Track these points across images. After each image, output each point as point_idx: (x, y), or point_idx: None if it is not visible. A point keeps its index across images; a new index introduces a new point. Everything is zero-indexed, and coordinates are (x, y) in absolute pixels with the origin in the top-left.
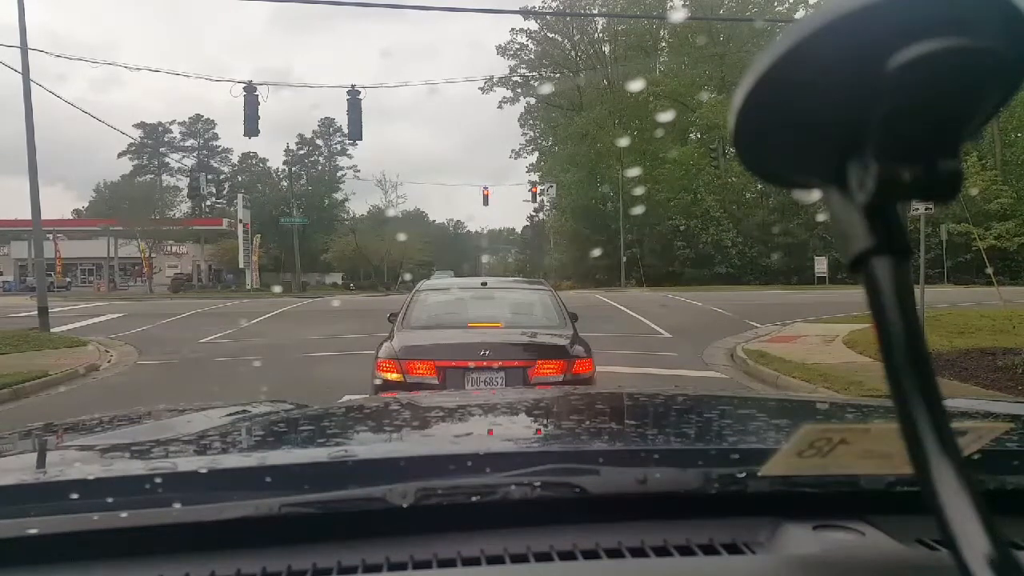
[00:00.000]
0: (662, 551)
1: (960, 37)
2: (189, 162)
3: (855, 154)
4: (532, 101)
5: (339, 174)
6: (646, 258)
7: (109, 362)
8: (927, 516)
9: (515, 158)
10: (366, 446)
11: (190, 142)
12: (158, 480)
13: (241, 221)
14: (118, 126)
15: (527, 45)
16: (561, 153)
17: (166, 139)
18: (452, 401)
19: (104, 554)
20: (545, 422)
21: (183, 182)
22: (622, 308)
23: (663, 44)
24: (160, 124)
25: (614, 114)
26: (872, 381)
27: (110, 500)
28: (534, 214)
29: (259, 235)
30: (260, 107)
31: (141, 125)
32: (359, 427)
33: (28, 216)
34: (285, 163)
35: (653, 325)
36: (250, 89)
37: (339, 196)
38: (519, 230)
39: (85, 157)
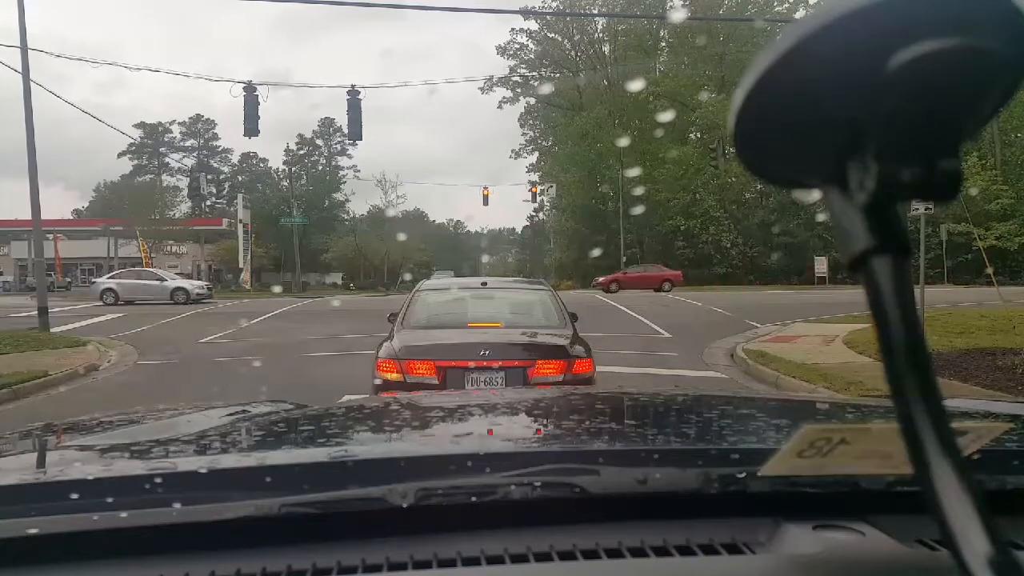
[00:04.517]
0: (662, 551)
1: (960, 37)
2: (189, 162)
3: (855, 154)
4: (532, 101)
5: (339, 174)
6: (646, 258)
7: (109, 362)
8: (927, 516)
9: (515, 158)
10: (366, 446)
11: (190, 142)
12: (158, 480)
13: (241, 221)
14: (118, 126)
15: (527, 45)
16: (561, 153)
17: (166, 139)
18: (452, 401)
19: (104, 554)
20: (545, 422)
21: (183, 182)
22: (622, 308)
23: (663, 44)
24: (160, 124)
25: (614, 114)
26: (872, 381)
27: (110, 500)
28: (534, 214)
29: (254, 235)
30: (260, 107)
31: (141, 125)
32: (359, 427)
33: (28, 216)
34: (285, 163)
35: (653, 325)
36: (250, 89)
37: (339, 196)
38: (519, 230)
39: (85, 157)
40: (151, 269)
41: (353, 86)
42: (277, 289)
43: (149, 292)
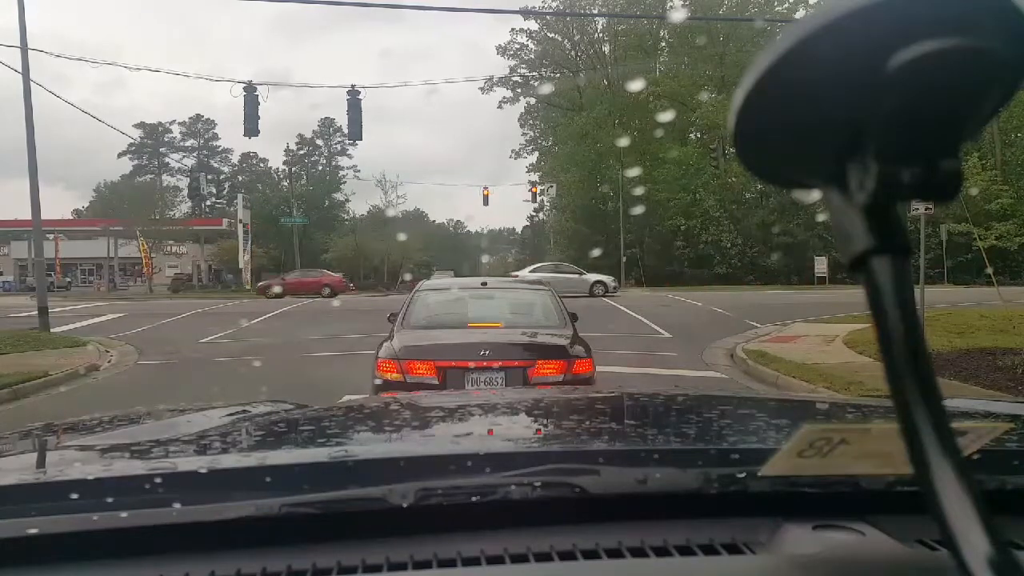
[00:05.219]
0: (662, 551)
1: (960, 37)
2: (189, 162)
3: (855, 154)
4: (532, 101)
5: (339, 174)
6: (646, 258)
7: (109, 362)
8: (927, 516)
9: (515, 158)
10: (366, 446)
11: (190, 142)
12: (158, 480)
13: (241, 221)
14: (118, 126)
15: (527, 45)
16: (561, 153)
17: (166, 139)
18: (452, 401)
19: (104, 554)
20: (545, 422)
21: (183, 182)
22: (622, 308)
23: (663, 44)
24: (160, 124)
25: (614, 114)
26: (872, 381)
27: (110, 500)
28: (534, 214)
29: (253, 235)
30: (260, 107)
31: (141, 125)
32: (359, 427)
33: (28, 216)
34: (285, 163)
35: (653, 325)
36: (250, 89)
37: (339, 196)
38: (519, 230)
39: (85, 157)
40: (568, 264)
41: (353, 86)
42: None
43: (570, 285)
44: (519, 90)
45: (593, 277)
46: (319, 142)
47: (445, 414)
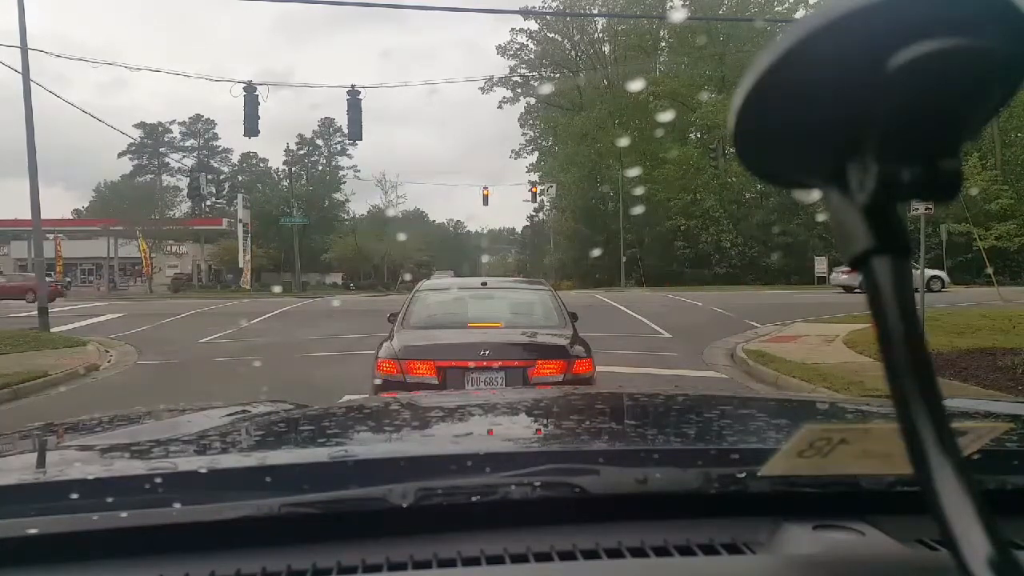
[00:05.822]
0: (662, 551)
1: (960, 37)
2: (189, 162)
3: (855, 154)
4: (532, 101)
5: (339, 174)
6: (646, 258)
7: (109, 362)
8: (927, 516)
9: (515, 158)
10: (366, 446)
11: (190, 142)
12: (158, 480)
13: (241, 221)
14: (119, 127)
15: (527, 45)
16: (561, 153)
17: (166, 139)
18: (452, 401)
19: (104, 554)
20: (545, 422)
21: (183, 182)
22: (622, 308)
23: (663, 44)
24: (160, 124)
25: (614, 114)
26: (872, 381)
27: (110, 500)
28: (534, 214)
29: (253, 235)
30: (260, 107)
31: (141, 125)
32: (359, 427)
33: (28, 216)
34: (285, 163)
35: (653, 325)
36: (250, 89)
37: (339, 196)
38: (519, 230)
39: (85, 157)
40: None
41: (353, 86)
42: (277, 289)
43: None
44: (519, 90)
45: (929, 273)
46: (319, 142)
47: (445, 414)
